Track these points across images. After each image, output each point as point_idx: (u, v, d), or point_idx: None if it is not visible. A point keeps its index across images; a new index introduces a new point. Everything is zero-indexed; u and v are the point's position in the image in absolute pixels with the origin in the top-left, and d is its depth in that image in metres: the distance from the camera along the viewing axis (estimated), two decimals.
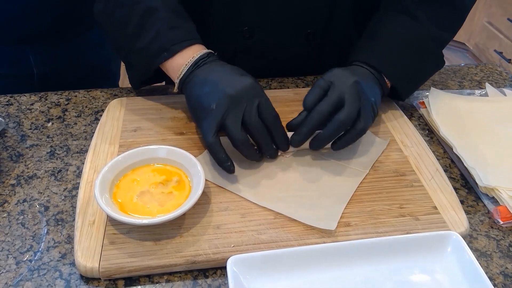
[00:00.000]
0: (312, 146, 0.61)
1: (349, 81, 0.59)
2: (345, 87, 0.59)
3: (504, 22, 2.40)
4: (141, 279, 0.50)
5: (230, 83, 0.58)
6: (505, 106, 0.75)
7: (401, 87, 0.69)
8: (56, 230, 0.54)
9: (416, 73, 0.71)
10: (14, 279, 0.49)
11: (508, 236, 0.56)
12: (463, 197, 0.61)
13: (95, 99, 0.76)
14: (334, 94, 0.58)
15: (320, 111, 0.58)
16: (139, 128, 0.67)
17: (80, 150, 0.65)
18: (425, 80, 0.74)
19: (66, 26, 0.89)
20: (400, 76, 0.68)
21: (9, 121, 0.70)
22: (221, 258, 0.49)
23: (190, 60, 0.63)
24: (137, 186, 0.54)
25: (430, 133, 0.72)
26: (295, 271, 0.49)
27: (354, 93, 0.58)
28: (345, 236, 0.53)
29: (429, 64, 0.72)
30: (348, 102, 0.58)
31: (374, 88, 0.64)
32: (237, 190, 0.57)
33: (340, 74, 0.61)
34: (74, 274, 0.50)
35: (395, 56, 0.67)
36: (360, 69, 0.66)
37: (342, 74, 0.60)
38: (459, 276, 0.49)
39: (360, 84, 0.59)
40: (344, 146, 0.60)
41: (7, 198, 0.58)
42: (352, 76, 0.60)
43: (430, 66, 0.72)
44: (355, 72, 0.63)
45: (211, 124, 0.57)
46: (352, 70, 0.63)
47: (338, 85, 0.59)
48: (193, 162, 0.56)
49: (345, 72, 0.61)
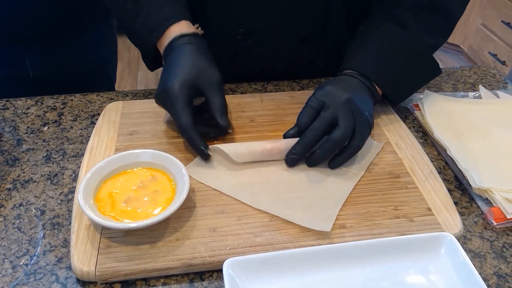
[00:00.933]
0: (308, 164, 0.62)
1: (342, 98, 0.60)
2: (338, 105, 0.59)
3: (498, 24, 2.42)
4: (137, 282, 0.50)
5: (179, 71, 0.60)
6: (499, 108, 0.76)
7: (391, 94, 0.70)
8: (52, 234, 0.54)
9: (406, 80, 0.71)
10: (10, 283, 0.49)
11: (501, 237, 0.57)
12: (457, 199, 0.62)
13: (91, 103, 0.76)
14: (328, 114, 0.59)
15: (314, 129, 0.59)
16: (135, 131, 0.67)
17: (76, 154, 0.66)
18: (417, 87, 0.74)
19: (62, 28, 0.89)
20: (390, 84, 0.68)
21: (5, 125, 0.70)
22: (217, 261, 0.50)
23: (169, 38, 0.64)
24: (118, 196, 0.54)
25: (424, 135, 0.73)
26: (291, 273, 0.49)
27: (347, 112, 0.59)
28: (341, 238, 0.53)
29: (420, 71, 0.72)
30: (342, 121, 0.58)
31: (367, 101, 0.64)
32: (232, 193, 0.58)
33: (332, 92, 0.61)
34: (70, 278, 0.50)
35: (384, 64, 0.68)
36: (351, 80, 0.66)
37: (334, 92, 0.61)
38: (453, 277, 0.49)
39: (353, 101, 0.60)
40: (341, 164, 0.61)
41: (3, 202, 0.58)
42: (344, 93, 0.60)
43: (422, 73, 0.72)
44: (346, 86, 0.63)
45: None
46: (343, 85, 0.63)
47: (331, 104, 0.60)
48: (177, 166, 0.56)
49: (337, 89, 0.62)
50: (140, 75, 2.67)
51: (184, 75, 0.60)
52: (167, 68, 0.62)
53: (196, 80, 0.60)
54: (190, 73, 0.60)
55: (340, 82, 0.65)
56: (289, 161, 0.61)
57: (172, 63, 0.62)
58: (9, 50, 0.87)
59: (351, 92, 0.61)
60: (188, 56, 0.62)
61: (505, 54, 2.40)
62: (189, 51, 0.62)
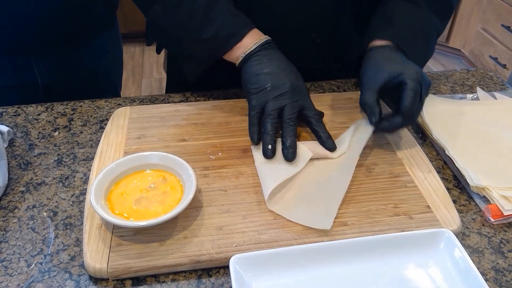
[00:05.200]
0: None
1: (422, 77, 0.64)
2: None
3: (498, 28, 2.44)
4: (147, 278, 0.52)
5: (288, 74, 0.67)
6: (496, 109, 0.78)
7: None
8: (65, 234, 0.57)
9: (424, 55, 0.75)
10: (26, 281, 0.51)
11: (499, 233, 0.59)
12: (456, 197, 0.63)
13: (100, 109, 0.78)
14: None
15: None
16: (143, 135, 0.69)
17: (87, 158, 0.68)
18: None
19: (70, 36, 0.91)
20: (415, 55, 0.71)
21: (17, 131, 0.73)
22: (224, 258, 0.52)
23: (258, 41, 0.69)
24: (129, 197, 0.56)
25: (423, 136, 0.75)
26: (295, 269, 0.51)
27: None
28: (342, 235, 0.55)
29: (430, 49, 0.76)
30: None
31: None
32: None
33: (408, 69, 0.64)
34: (83, 275, 0.52)
35: (411, 36, 0.71)
36: (394, 53, 0.69)
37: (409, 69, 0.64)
38: (452, 271, 0.51)
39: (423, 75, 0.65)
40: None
41: (17, 204, 0.60)
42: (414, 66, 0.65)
43: (429, 52, 0.76)
44: (406, 61, 0.67)
45: (259, 101, 0.65)
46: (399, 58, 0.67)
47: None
48: (184, 167, 0.58)
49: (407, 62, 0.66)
50: (144, 83, 2.70)
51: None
52: (280, 66, 0.68)
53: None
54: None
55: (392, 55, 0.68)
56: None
57: (284, 63, 0.69)
58: (19, 60, 0.89)
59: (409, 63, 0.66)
60: (285, 60, 0.70)
61: (505, 58, 2.41)
62: (281, 55, 0.70)
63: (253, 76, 0.67)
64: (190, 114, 0.74)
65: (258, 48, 0.69)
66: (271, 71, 0.67)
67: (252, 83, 0.67)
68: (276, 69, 0.67)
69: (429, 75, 0.91)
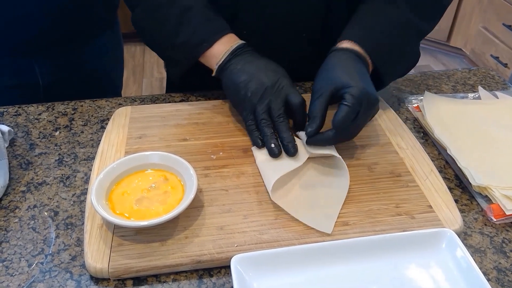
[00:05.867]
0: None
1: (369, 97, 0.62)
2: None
3: (500, 27, 2.43)
4: (148, 278, 0.52)
5: (265, 72, 0.67)
6: (497, 108, 0.77)
7: (384, 69, 0.71)
8: (66, 233, 0.57)
9: (397, 59, 0.73)
10: (27, 281, 0.51)
11: (501, 232, 0.58)
12: (458, 196, 0.63)
13: (101, 108, 0.78)
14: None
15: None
16: (144, 135, 0.69)
17: (87, 157, 0.68)
18: (404, 71, 0.77)
19: (70, 37, 0.91)
20: (383, 59, 0.70)
21: (18, 131, 0.73)
22: (225, 258, 0.52)
23: (229, 49, 0.69)
24: (130, 197, 0.56)
25: (425, 136, 0.74)
26: (296, 268, 0.51)
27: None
28: (344, 235, 0.55)
29: (407, 53, 0.74)
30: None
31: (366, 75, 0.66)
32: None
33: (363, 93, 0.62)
34: (84, 275, 0.52)
35: (379, 39, 0.70)
36: (348, 56, 0.67)
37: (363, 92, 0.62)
38: (454, 271, 0.51)
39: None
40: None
41: (18, 204, 0.60)
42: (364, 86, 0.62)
43: (408, 55, 0.75)
44: (359, 73, 0.65)
45: (248, 110, 0.66)
46: (355, 71, 0.65)
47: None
48: (185, 166, 0.58)
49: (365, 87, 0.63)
50: (145, 82, 2.70)
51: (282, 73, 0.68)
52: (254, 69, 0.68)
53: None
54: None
55: (353, 72, 0.65)
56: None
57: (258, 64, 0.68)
58: (20, 60, 0.90)
59: (361, 78, 0.63)
60: (261, 59, 0.70)
61: (507, 57, 2.41)
62: (255, 56, 0.70)
63: (232, 88, 0.68)
64: (191, 114, 0.74)
65: (229, 57, 0.69)
66: (248, 77, 0.67)
67: (233, 96, 0.69)
68: (253, 73, 0.67)
69: (430, 74, 0.91)
